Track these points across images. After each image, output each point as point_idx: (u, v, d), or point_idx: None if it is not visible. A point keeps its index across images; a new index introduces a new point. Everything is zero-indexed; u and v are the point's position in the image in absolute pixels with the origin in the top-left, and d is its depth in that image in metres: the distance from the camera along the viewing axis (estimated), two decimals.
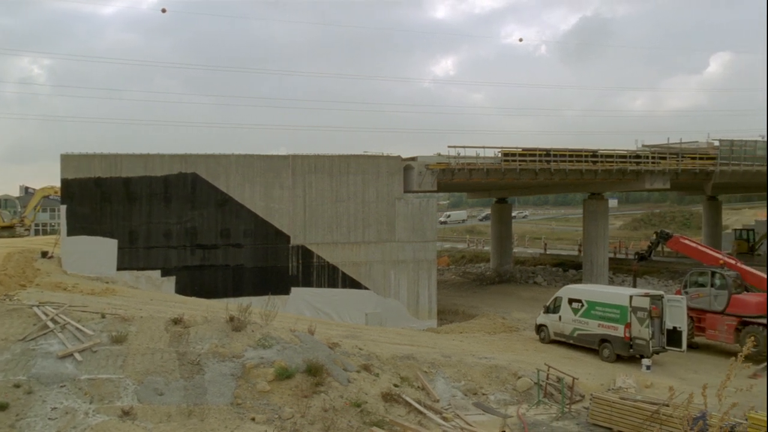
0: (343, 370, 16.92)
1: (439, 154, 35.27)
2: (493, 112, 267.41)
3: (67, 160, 29.38)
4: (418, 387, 18.26)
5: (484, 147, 36.33)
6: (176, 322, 17.34)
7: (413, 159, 34.14)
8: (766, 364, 23.83)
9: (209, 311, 19.49)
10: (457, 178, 36.23)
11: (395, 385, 17.47)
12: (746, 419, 15.68)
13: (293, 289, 31.23)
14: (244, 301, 19.26)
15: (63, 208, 29.51)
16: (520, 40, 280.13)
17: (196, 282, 30.13)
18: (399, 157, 33.52)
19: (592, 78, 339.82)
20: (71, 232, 29.21)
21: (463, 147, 35.67)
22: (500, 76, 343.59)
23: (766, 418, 15.37)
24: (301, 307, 30.54)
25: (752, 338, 12.04)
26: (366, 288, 32.24)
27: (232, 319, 17.27)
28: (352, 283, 32.09)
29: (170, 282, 29.88)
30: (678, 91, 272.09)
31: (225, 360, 15.83)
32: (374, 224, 32.52)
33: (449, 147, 35.27)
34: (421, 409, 16.46)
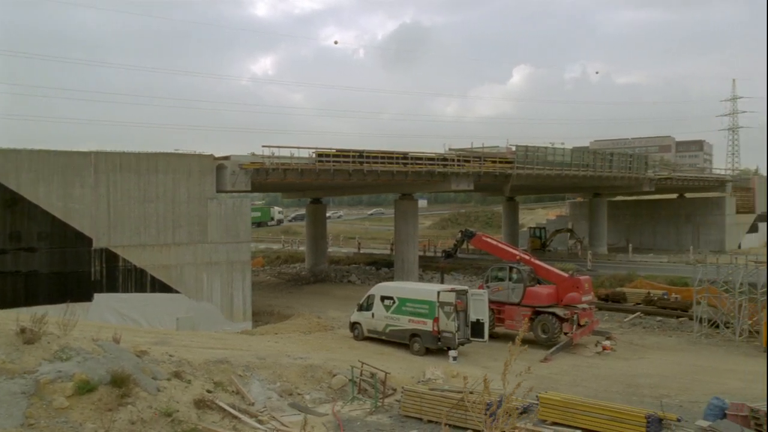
0: (152, 379, 16.09)
1: (254, 154, 34.79)
2: (312, 112, 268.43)
3: None
4: (233, 391, 17.86)
5: (298, 147, 36.44)
6: None
7: (226, 158, 33.32)
8: (555, 348, 26.30)
9: None
10: (271, 178, 35.94)
11: (208, 391, 16.94)
12: (538, 399, 17.22)
13: (96, 296, 29.14)
14: (39, 310, 17.61)
15: None
16: (336, 42, 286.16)
17: None
18: (212, 155, 32.55)
19: (409, 83, 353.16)
20: None
21: (278, 147, 35.54)
22: (319, 77, 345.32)
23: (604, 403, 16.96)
24: (106, 315, 28.56)
25: (528, 324, 13.22)
26: (177, 291, 30.92)
27: (23, 330, 15.65)
28: (162, 287, 30.61)
29: None
30: (485, 99, 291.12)
31: (14, 377, 14.33)
32: (185, 225, 31.29)
33: (263, 146, 34.96)
34: (236, 413, 16.12)
